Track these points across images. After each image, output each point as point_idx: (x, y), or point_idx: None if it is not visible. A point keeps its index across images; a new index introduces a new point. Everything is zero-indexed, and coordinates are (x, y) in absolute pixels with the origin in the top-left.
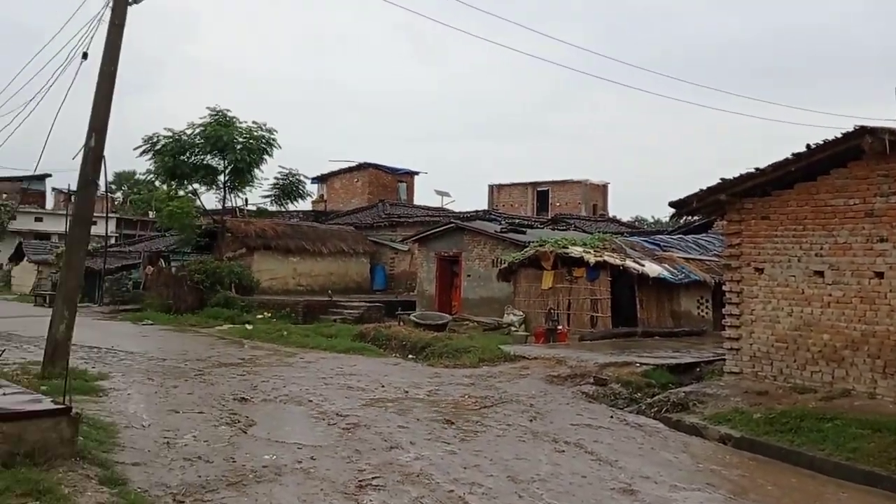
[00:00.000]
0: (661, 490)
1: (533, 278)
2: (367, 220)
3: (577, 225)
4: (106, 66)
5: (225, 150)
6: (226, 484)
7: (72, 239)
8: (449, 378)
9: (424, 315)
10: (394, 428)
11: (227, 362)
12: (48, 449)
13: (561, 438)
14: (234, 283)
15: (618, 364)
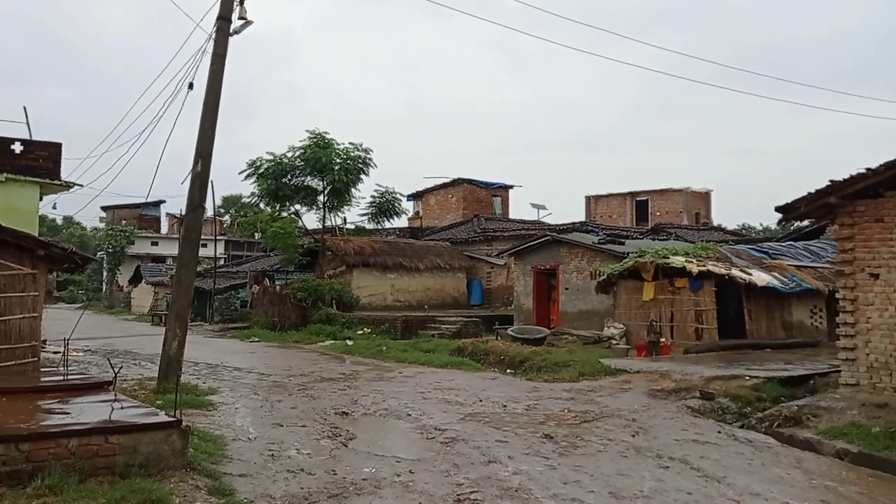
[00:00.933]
0: None
1: (633, 290)
2: (463, 235)
3: (678, 234)
4: (210, 94)
5: (324, 171)
6: (327, 496)
7: (181, 259)
8: (548, 392)
9: (522, 329)
10: (492, 442)
11: (329, 377)
12: (161, 460)
13: (665, 454)
14: (334, 300)
15: (725, 377)
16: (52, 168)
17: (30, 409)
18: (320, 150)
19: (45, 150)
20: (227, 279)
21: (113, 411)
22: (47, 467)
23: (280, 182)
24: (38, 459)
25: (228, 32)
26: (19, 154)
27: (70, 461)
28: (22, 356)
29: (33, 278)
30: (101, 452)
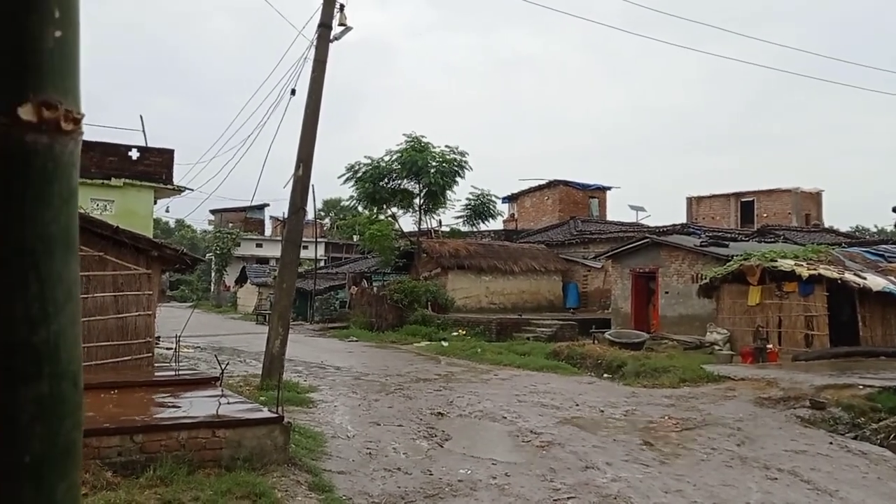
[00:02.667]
0: None
1: (737, 294)
2: (559, 237)
3: (786, 237)
4: (311, 100)
5: (420, 174)
6: (423, 496)
7: (284, 260)
8: (647, 398)
9: (620, 333)
10: (589, 448)
11: (425, 378)
12: (264, 454)
13: (773, 465)
14: (429, 302)
15: (837, 386)
16: (166, 173)
17: (144, 402)
18: (416, 154)
19: (160, 156)
20: (327, 280)
21: (220, 406)
22: (159, 458)
23: (377, 185)
24: (150, 451)
25: (329, 39)
26: (136, 160)
27: (180, 453)
28: (137, 352)
29: (148, 278)
30: (209, 445)
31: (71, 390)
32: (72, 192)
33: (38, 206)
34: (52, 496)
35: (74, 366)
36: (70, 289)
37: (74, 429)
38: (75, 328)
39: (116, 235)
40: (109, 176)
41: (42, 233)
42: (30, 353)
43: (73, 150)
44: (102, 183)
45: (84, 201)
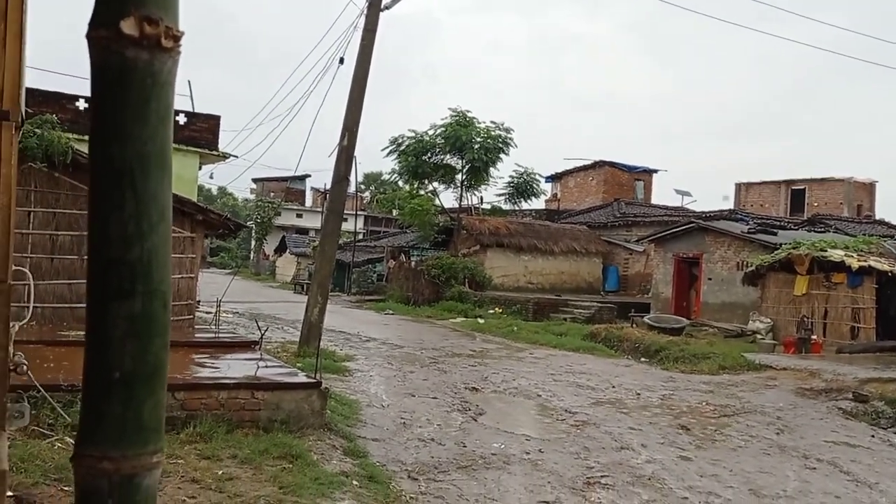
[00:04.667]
0: None
1: (783, 283)
2: (601, 219)
3: (837, 227)
4: (359, 68)
5: (463, 149)
6: (456, 467)
7: (325, 230)
8: (685, 383)
9: (659, 318)
10: (624, 429)
11: (460, 353)
12: (301, 418)
13: (812, 455)
14: (467, 279)
15: (882, 380)
16: (211, 139)
17: (185, 361)
18: (461, 129)
19: (206, 122)
20: (366, 253)
21: (258, 369)
22: (199, 416)
23: (420, 159)
24: (191, 408)
25: (379, 7)
26: (183, 125)
27: (219, 412)
28: (179, 313)
29: (192, 241)
30: (248, 406)
31: (161, 310)
32: (168, 111)
33: (136, 123)
34: (140, 412)
35: (165, 285)
36: (163, 209)
37: (162, 348)
38: (167, 248)
39: None
40: None
41: (139, 151)
42: (124, 270)
43: (171, 68)
44: None
45: None
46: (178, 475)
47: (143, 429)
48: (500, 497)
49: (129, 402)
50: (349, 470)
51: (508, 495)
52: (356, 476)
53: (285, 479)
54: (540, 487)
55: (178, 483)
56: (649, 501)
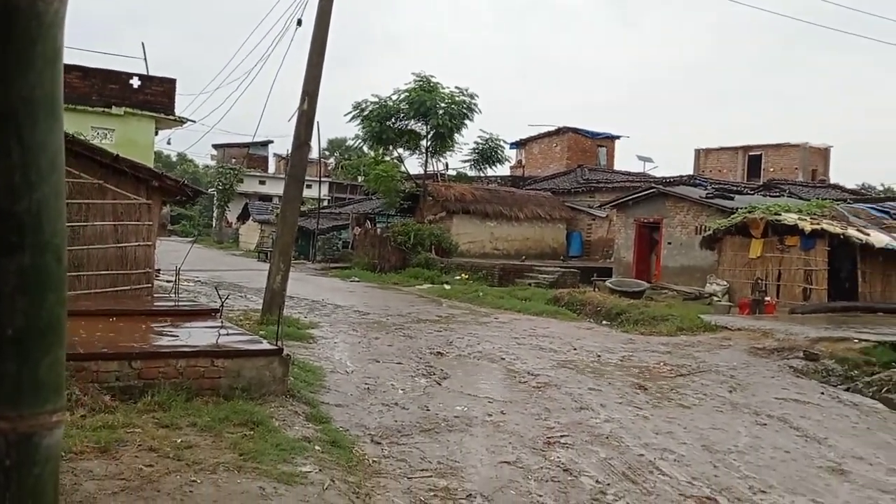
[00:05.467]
0: (877, 473)
1: (739, 247)
2: (565, 185)
3: (792, 191)
4: (318, 30)
5: (428, 115)
6: (419, 430)
7: (286, 196)
8: (644, 345)
9: (620, 282)
10: (584, 390)
11: (425, 319)
12: (262, 385)
13: (763, 412)
14: (433, 245)
15: (832, 339)
16: (167, 103)
17: (142, 330)
18: (425, 94)
19: (161, 85)
20: (330, 220)
21: (219, 337)
22: (157, 385)
23: (384, 125)
24: (148, 377)
25: None
26: (137, 89)
27: (178, 380)
28: (137, 282)
29: (148, 208)
30: (207, 374)
31: (54, 264)
32: (56, 53)
33: (21, 67)
34: (36, 371)
35: (58, 239)
36: (54, 158)
37: (58, 304)
38: (59, 200)
39: (116, 164)
40: (110, 104)
41: (25, 96)
42: (12, 222)
43: (58, 8)
44: (103, 111)
45: (84, 129)
46: (136, 444)
47: (41, 387)
48: (462, 458)
49: (23, 360)
50: (311, 435)
51: (470, 456)
52: (319, 441)
53: (246, 445)
54: (501, 448)
55: (135, 452)
56: (607, 459)
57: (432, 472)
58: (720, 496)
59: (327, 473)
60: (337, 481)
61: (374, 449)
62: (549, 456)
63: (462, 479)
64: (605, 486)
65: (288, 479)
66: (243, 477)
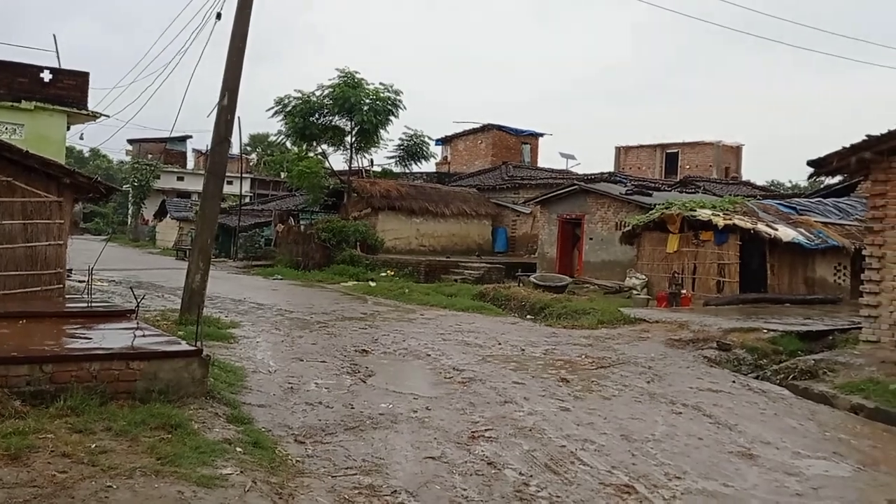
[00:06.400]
0: (783, 456)
1: (657, 241)
2: (490, 182)
3: (706, 188)
4: (238, 25)
5: (352, 111)
6: (344, 428)
7: (206, 192)
8: (566, 338)
9: (544, 277)
10: (508, 384)
11: (350, 316)
12: (181, 387)
13: (679, 401)
14: (359, 242)
15: (743, 329)
16: (80, 97)
17: (54, 332)
18: (349, 90)
19: (73, 79)
20: (252, 217)
21: (135, 339)
22: (70, 389)
23: (307, 121)
24: (60, 381)
25: None
26: (48, 83)
27: (92, 384)
28: (47, 283)
29: (59, 206)
30: (123, 377)
31: None
32: None
33: None
34: None
35: None
36: None
37: None
38: None
39: (26, 160)
40: (19, 98)
41: None
42: None
43: None
44: (11, 105)
45: None
46: (48, 450)
47: None
48: (387, 455)
49: None
50: (232, 437)
51: (395, 453)
52: (240, 443)
53: (163, 449)
54: (426, 444)
55: (47, 458)
56: (530, 451)
57: (357, 470)
58: (637, 483)
59: (249, 475)
60: (259, 482)
61: (297, 449)
62: (473, 450)
63: (387, 475)
64: (528, 477)
65: (208, 483)
66: (161, 481)
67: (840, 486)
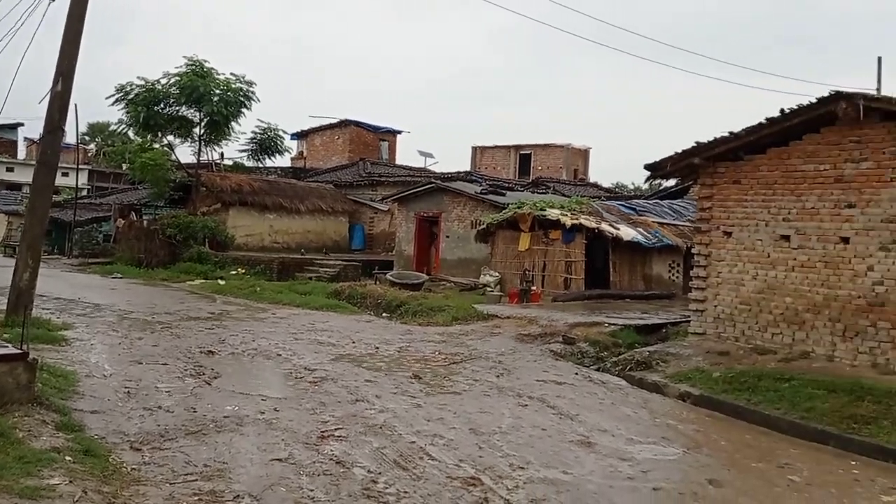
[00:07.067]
0: (618, 443)
1: (510, 240)
2: (348, 178)
3: (556, 188)
4: (74, 5)
5: (201, 101)
6: (185, 433)
7: (36, 185)
8: (421, 335)
9: (401, 274)
10: (361, 382)
11: (197, 316)
12: (4, 393)
13: (525, 394)
14: (207, 239)
15: (587, 324)
16: None
17: None
18: (198, 79)
19: None
20: (90, 211)
21: None
22: None
23: (152, 110)
24: None
25: None
26: None
27: None
28: None
29: None
30: None
31: None
32: None
33: None
34: None
35: None
36: None
37: None
38: None
39: None
40: None
41: None
42: None
43: None
44: None
45: None
46: None
47: None
48: (231, 459)
49: None
50: (62, 445)
51: (240, 456)
52: (70, 451)
53: None
54: (273, 446)
55: None
56: (379, 449)
57: (198, 476)
58: (483, 475)
59: (79, 485)
60: (90, 492)
61: (133, 456)
62: (322, 450)
63: (230, 480)
64: (377, 475)
65: (33, 494)
66: None
67: (667, 469)
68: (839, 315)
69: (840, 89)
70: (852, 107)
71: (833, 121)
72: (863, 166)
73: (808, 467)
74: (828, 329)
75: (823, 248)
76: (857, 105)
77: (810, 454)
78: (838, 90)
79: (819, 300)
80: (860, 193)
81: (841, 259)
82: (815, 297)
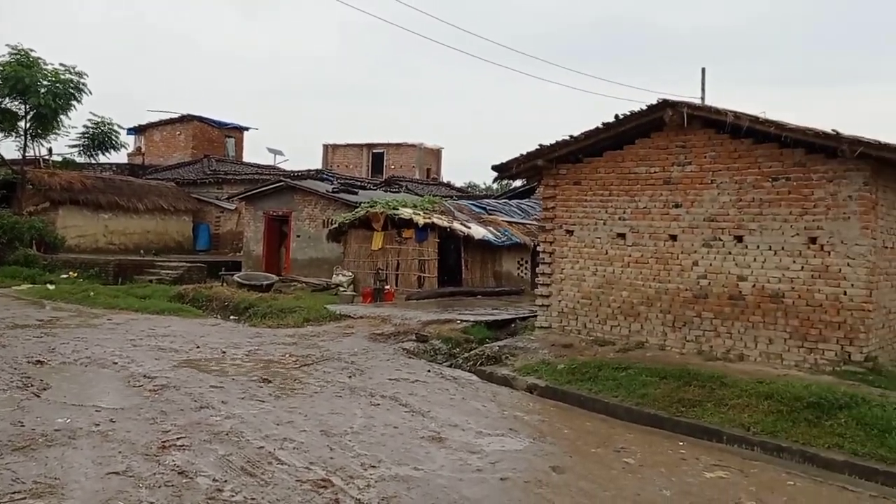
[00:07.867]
0: (468, 437)
1: (363, 239)
2: (191, 175)
3: (409, 188)
4: None
5: (26, 93)
6: (11, 449)
7: None
8: (271, 338)
9: (249, 276)
10: (206, 388)
11: (24, 324)
12: None
13: (377, 393)
14: (35, 240)
15: (440, 321)
16: None
17: None
18: (23, 69)
19: None
20: None
21: None
22: None
23: None
24: None
25: None
26: None
27: None
28: None
29: None
30: None
31: None
32: None
33: None
34: None
35: None
36: None
37: None
38: None
39: None
40: None
41: None
42: None
43: None
44: None
45: None
46: None
47: None
48: (64, 474)
49: None
50: None
51: (73, 471)
52: None
53: None
54: (110, 458)
55: None
56: (225, 456)
57: (27, 494)
58: (334, 476)
59: None
60: None
61: None
62: (163, 461)
63: (62, 496)
64: (223, 483)
65: None
66: None
67: (514, 459)
68: (669, 307)
69: (668, 97)
70: (677, 114)
71: (662, 126)
72: (687, 169)
73: (641, 450)
74: (660, 320)
75: (655, 245)
76: (681, 113)
77: (644, 437)
78: (665, 98)
79: (651, 293)
80: (685, 194)
81: (670, 255)
82: (648, 290)
